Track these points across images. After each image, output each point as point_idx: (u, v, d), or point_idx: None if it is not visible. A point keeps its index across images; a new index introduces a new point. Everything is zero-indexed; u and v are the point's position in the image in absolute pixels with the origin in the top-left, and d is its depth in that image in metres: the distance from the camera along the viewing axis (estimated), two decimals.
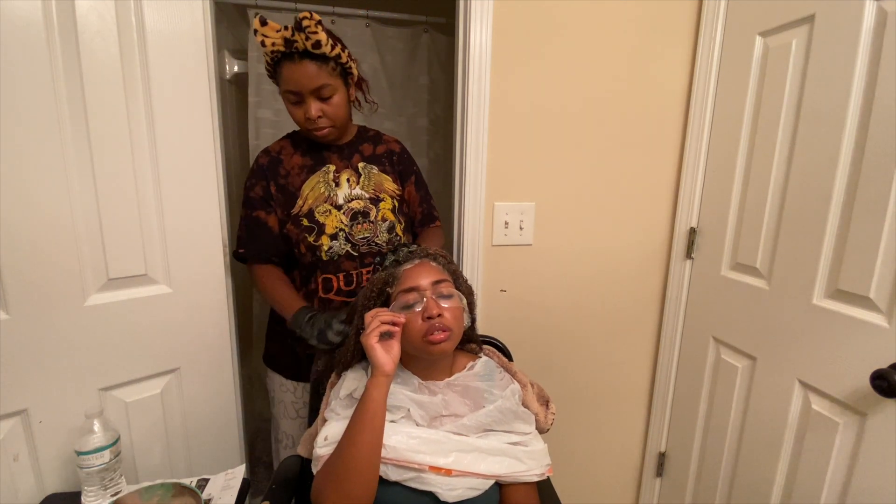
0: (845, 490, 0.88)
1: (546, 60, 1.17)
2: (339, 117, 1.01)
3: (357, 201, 1.06)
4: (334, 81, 0.97)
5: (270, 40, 0.91)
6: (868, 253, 0.84)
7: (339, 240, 1.04)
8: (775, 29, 1.03)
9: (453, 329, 0.74)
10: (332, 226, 1.04)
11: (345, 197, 1.06)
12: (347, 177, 1.07)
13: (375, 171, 1.10)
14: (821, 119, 0.92)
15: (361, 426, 0.68)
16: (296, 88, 0.95)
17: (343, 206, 1.05)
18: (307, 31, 0.89)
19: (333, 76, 0.97)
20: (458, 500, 0.71)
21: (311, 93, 0.96)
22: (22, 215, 0.80)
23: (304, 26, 0.88)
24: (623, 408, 1.47)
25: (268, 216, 1.05)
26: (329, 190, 1.06)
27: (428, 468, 0.70)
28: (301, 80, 0.94)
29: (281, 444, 1.20)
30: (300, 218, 1.03)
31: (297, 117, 1.00)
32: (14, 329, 0.81)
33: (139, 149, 0.91)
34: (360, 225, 1.05)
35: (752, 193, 1.10)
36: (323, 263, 1.04)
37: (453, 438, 0.73)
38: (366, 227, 1.06)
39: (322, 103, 0.97)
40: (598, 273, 1.33)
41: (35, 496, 0.87)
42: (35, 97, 0.79)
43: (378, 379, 0.69)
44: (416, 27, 1.87)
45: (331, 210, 1.04)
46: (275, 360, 1.16)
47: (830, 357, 0.91)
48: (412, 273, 0.77)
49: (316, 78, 0.94)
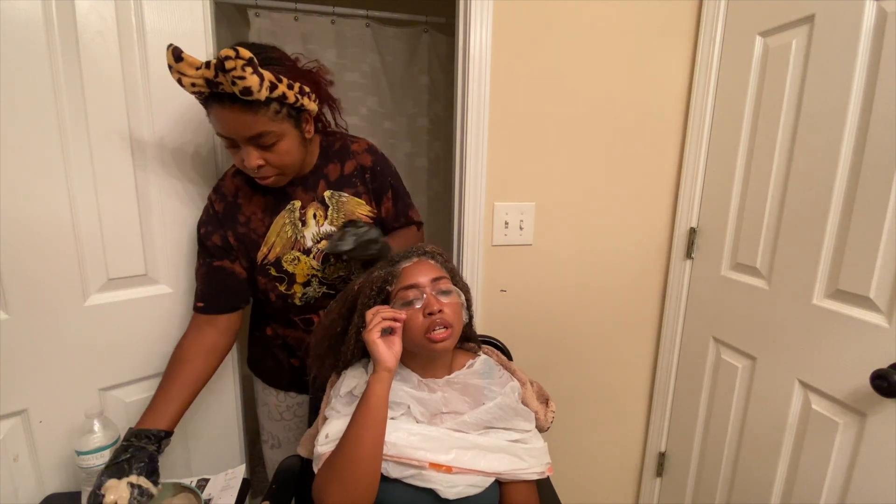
0: (845, 490, 0.88)
1: (546, 60, 1.17)
2: (286, 165, 0.84)
3: (325, 241, 0.94)
4: (278, 127, 0.79)
5: (188, 80, 0.71)
6: (868, 253, 0.84)
7: (312, 285, 0.95)
8: (775, 29, 1.03)
9: (454, 325, 0.74)
10: (304, 273, 0.94)
11: (313, 238, 0.93)
12: (314, 212, 0.93)
13: (345, 198, 0.95)
14: (821, 119, 0.92)
15: (364, 421, 0.68)
16: (228, 135, 0.78)
17: (312, 250, 0.93)
18: (232, 76, 0.68)
19: (277, 120, 0.78)
20: (459, 497, 0.71)
21: (247, 141, 0.78)
22: (22, 215, 0.80)
23: (228, 69, 0.68)
24: (623, 407, 1.47)
25: (233, 264, 0.92)
26: (296, 232, 0.93)
27: (428, 465, 0.70)
28: (232, 128, 0.77)
29: (267, 445, 1.18)
30: (267, 267, 0.92)
31: (236, 162, 0.84)
32: (14, 329, 0.81)
33: (139, 149, 0.91)
34: (332, 266, 0.95)
35: (752, 193, 1.10)
36: (297, 308, 0.97)
37: (454, 435, 0.74)
38: (340, 267, 0.96)
39: (263, 151, 0.80)
40: (598, 273, 1.33)
41: (35, 496, 0.87)
42: (35, 97, 0.79)
43: (380, 374, 0.69)
44: (416, 27, 1.88)
45: (299, 258, 0.93)
46: (255, 364, 1.12)
47: (830, 357, 0.91)
48: (411, 270, 0.77)
49: (250, 126, 0.76)
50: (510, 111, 1.18)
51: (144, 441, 0.78)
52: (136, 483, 0.73)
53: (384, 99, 1.88)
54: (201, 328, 0.91)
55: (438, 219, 2.07)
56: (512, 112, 1.18)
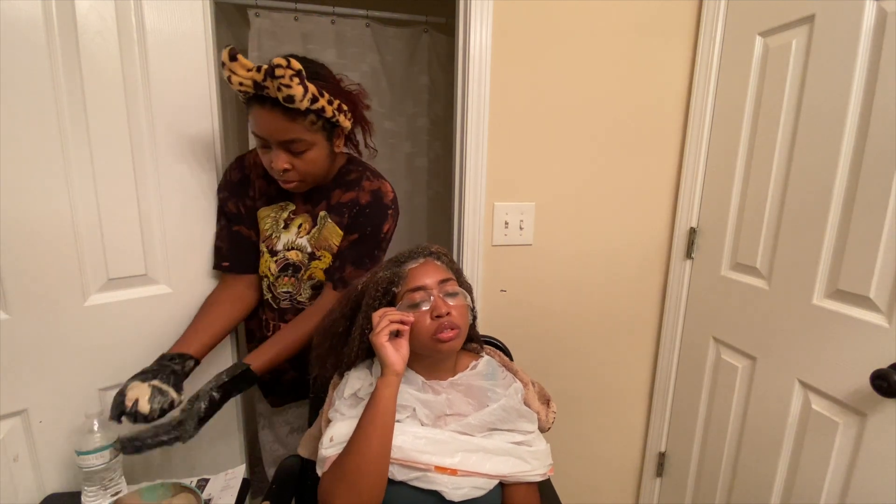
0: (845, 490, 0.88)
1: (546, 60, 1.17)
2: (310, 174, 0.89)
3: (295, 252, 0.97)
4: (311, 136, 0.84)
5: (237, 79, 0.77)
6: (868, 253, 0.84)
7: (263, 284, 1.02)
8: (775, 29, 1.03)
9: (461, 327, 0.75)
10: (262, 268, 1.00)
11: (285, 244, 0.97)
12: (301, 222, 0.97)
13: (329, 224, 0.97)
14: (821, 119, 0.92)
15: (373, 425, 0.67)
16: (263, 136, 0.84)
17: (279, 254, 0.98)
18: (279, 82, 0.74)
19: (311, 131, 0.83)
20: (463, 499, 0.71)
21: (280, 144, 0.83)
22: (22, 215, 0.80)
23: (278, 76, 0.74)
24: (623, 407, 1.47)
25: (249, 231, 1.00)
26: (273, 231, 0.98)
27: (434, 468, 0.70)
28: (268, 130, 0.82)
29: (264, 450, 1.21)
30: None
31: (264, 162, 0.88)
32: (14, 329, 0.81)
33: (139, 149, 0.91)
34: (286, 278, 0.99)
35: (752, 193, 1.10)
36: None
37: (459, 438, 0.74)
38: (289, 282, 0.99)
39: (292, 156, 0.85)
40: (598, 273, 1.33)
41: (35, 496, 0.87)
42: (35, 97, 0.79)
43: (389, 378, 0.69)
44: (416, 27, 1.87)
45: (264, 252, 0.99)
46: None
47: (830, 357, 0.91)
48: (418, 272, 0.77)
49: (286, 131, 0.81)
50: (510, 111, 1.18)
51: (169, 361, 0.85)
52: (158, 386, 0.79)
53: (384, 99, 1.88)
54: (227, 281, 1.01)
55: (438, 219, 2.07)
56: (512, 112, 1.18)
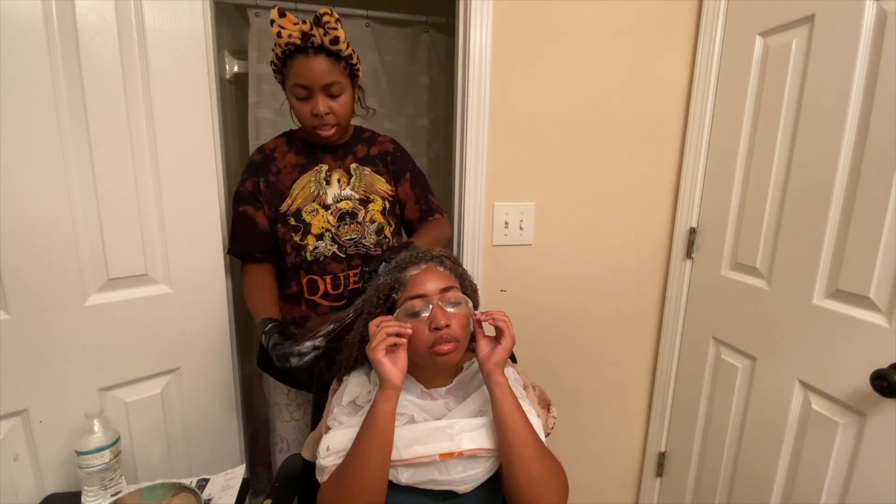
0: (845, 490, 0.88)
1: (546, 60, 1.17)
2: (344, 116, 1.01)
3: (346, 202, 1.05)
4: (344, 80, 0.98)
5: (287, 32, 0.90)
6: (868, 253, 0.84)
7: (325, 240, 1.03)
8: (775, 29, 1.03)
9: (460, 339, 0.72)
10: (319, 226, 1.03)
11: (334, 197, 1.05)
12: (338, 177, 1.06)
13: (367, 172, 1.09)
14: (821, 119, 0.92)
15: (371, 440, 0.67)
16: (307, 83, 0.95)
17: (331, 206, 1.04)
18: (326, 27, 0.90)
19: (345, 75, 0.98)
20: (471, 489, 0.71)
21: (322, 88, 0.96)
22: (22, 215, 0.80)
23: (325, 22, 0.90)
24: (623, 407, 1.47)
25: (256, 212, 1.04)
26: (319, 189, 1.05)
27: (438, 456, 0.69)
28: (313, 75, 0.94)
29: (276, 448, 1.18)
30: (287, 217, 1.03)
31: (303, 113, 0.99)
32: (14, 329, 0.81)
33: (139, 149, 0.91)
34: (347, 226, 1.04)
35: (751, 193, 1.10)
36: (307, 264, 1.03)
37: (459, 422, 0.73)
38: (353, 229, 1.04)
39: (331, 100, 0.98)
40: (598, 273, 1.33)
41: (35, 496, 0.87)
42: (35, 97, 0.79)
43: (387, 392, 0.68)
44: (416, 27, 1.87)
45: (318, 210, 1.03)
46: (265, 362, 1.13)
47: (830, 357, 0.91)
48: (419, 279, 0.75)
49: (328, 74, 0.95)
50: (510, 111, 1.18)
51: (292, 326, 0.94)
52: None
53: (384, 99, 1.87)
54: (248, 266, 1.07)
55: None
56: (512, 112, 1.18)
